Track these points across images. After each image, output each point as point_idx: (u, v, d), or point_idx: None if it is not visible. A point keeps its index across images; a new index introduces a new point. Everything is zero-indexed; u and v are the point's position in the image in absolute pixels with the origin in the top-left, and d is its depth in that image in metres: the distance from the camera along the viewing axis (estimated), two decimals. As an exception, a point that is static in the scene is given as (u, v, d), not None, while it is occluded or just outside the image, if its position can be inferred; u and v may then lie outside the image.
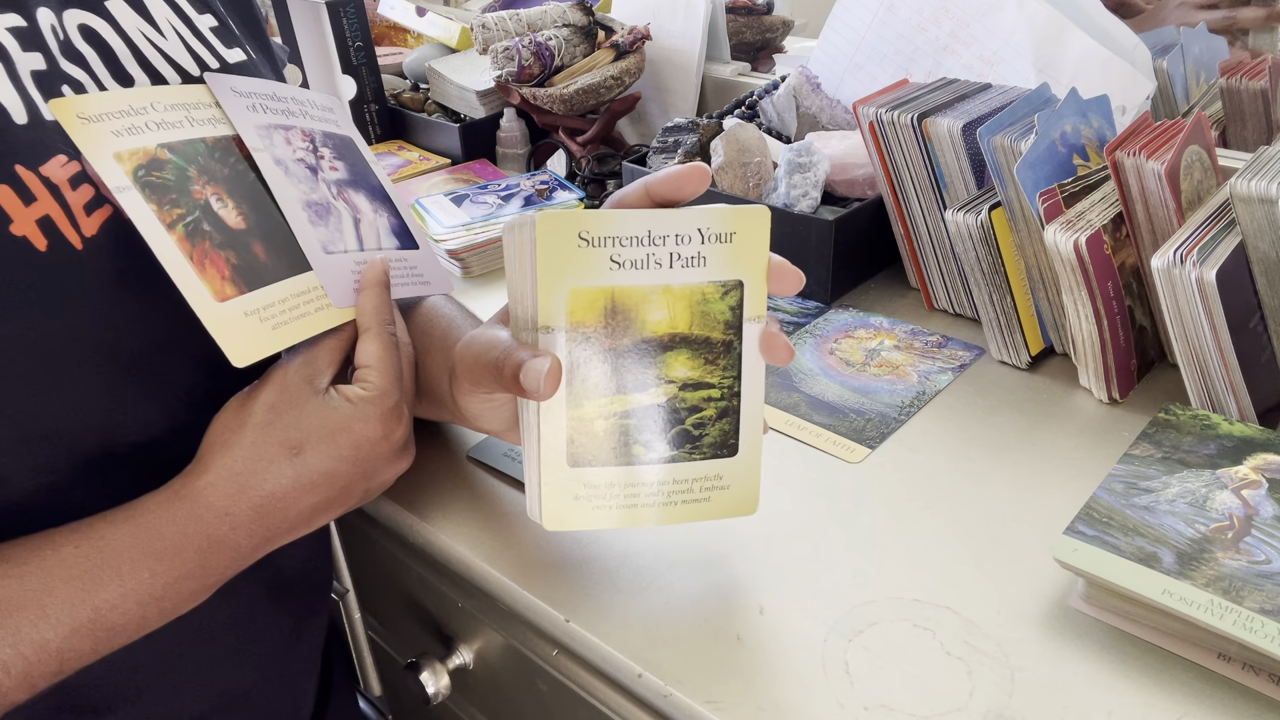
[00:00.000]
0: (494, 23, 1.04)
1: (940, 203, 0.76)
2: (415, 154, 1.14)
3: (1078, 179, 0.67)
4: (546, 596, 0.53)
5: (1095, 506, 0.51)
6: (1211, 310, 0.57)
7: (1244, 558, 0.47)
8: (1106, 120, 0.73)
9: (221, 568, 0.44)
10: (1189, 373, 0.62)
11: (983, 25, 0.85)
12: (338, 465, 0.46)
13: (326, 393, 0.46)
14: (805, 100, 0.94)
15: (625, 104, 1.04)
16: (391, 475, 0.50)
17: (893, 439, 0.64)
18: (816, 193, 0.82)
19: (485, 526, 0.58)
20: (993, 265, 0.69)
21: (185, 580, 0.43)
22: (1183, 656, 0.47)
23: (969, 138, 0.72)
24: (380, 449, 0.47)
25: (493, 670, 0.62)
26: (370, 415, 0.46)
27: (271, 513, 0.44)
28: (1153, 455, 0.55)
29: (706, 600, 0.52)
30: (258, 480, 0.44)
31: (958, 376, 0.71)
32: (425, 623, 0.67)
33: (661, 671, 0.48)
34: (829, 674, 0.47)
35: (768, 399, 0.69)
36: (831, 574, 0.53)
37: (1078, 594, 0.50)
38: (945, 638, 0.49)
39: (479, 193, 0.98)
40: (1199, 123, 0.66)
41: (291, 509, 0.45)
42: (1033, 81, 0.81)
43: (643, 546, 0.56)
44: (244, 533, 0.44)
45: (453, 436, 0.67)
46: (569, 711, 0.55)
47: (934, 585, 0.52)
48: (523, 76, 1.01)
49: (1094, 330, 0.65)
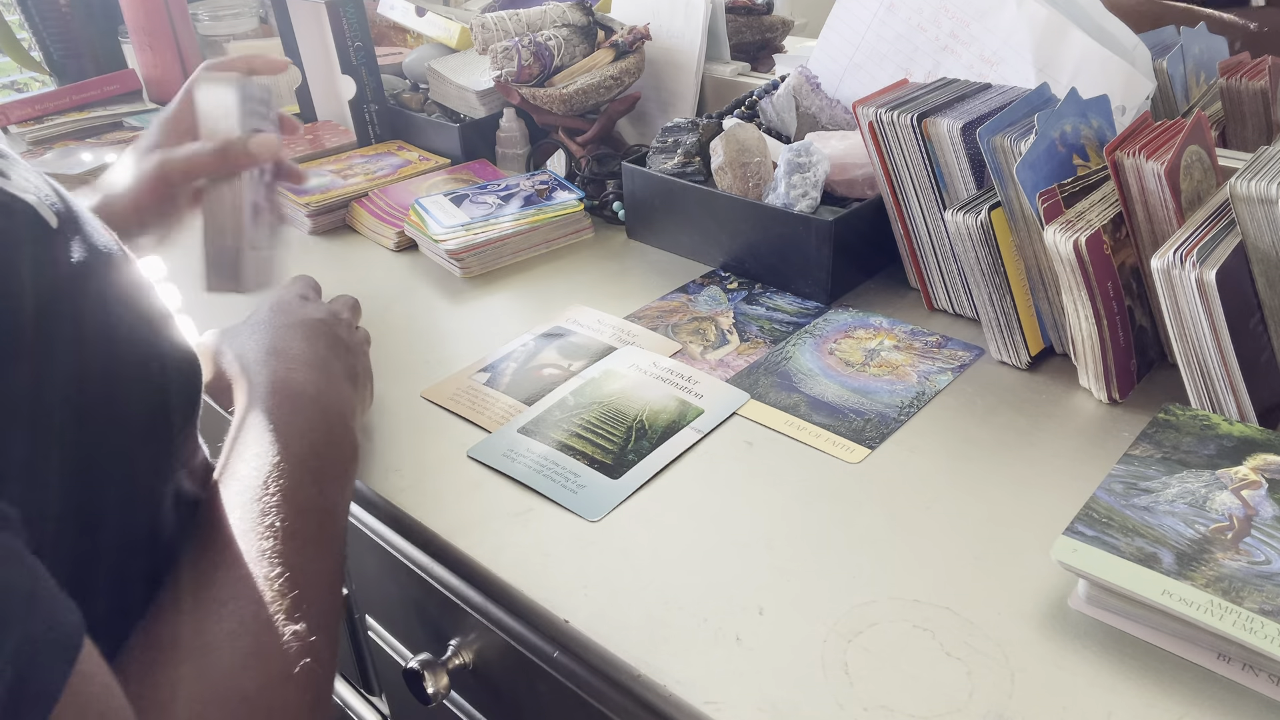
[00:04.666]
0: (493, 23, 1.04)
1: (940, 203, 0.76)
2: (415, 154, 1.14)
3: (1078, 179, 0.67)
4: (546, 597, 0.53)
5: (1095, 507, 0.51)
6: (1211, 310, 0.57)
7: (1244, 558, 0.47)
8: (1106, 120, 0.73)
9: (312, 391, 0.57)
10: (1189, 373, 0.62)
11: (983, 25, 0.85)
12: (271, 309, 0.64)
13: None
14: (805, 100, 0.94)
15: (625, 104, 1.04)
16: (311, 311, 0.64)
17: (892, 439, 0.64)
18: (816, 193, 0.82)
19: (485, 526, 0.58)
20: (992, 265, 0.69)
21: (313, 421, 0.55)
22: (1183, 657, 0.47)
23: (969, 138, 0.72)
24: (286, 296, 0.66)
25: (493, 670, 0.62)
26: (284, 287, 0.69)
27: (281, 355, 0.58)
28: (1152, 455, 0.55)
29: (706, 600, 0.52)
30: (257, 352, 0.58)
31: (957, 377, 0.71)
32: (425, 623, 0.67)
33: (661, 672, 0.48)
34: (828, 674, 0.47)
35: (767, 399, 0.69)
36: (831, 574, 0.53)
37: (1077, 594, 0.50)
38: (945, 638, 0.49)
39: (478, 193, 0.98)
40: (1199, 123, 0.66)
41: (289, 349, 0.59)
42: (1033, 81, 0.81)
43: (643, 546, 0.56)
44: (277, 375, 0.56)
45: (453, 437, 0.67)
46: (569, 712, 0.55)
47: (934, 585, 0.52)
48: (522, 76, 1.01)
49: (1094, 330, 0.65)
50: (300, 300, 0.66)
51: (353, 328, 0.68)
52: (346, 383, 0.60)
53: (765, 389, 0.70)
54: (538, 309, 0.83)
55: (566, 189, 0.98)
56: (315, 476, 0.50)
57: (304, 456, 0.50)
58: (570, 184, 0.99)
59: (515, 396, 0.71)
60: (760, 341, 0.77)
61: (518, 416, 0.68)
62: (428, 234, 0.91)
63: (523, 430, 0.67)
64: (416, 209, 0.95)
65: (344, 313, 0.69)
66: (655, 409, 0.68)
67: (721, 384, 0.71)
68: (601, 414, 0.68)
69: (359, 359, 0.66)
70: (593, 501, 0.60)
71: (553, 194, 0.97)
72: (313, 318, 0.63)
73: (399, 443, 0.67)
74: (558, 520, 0.59)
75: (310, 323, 0.62)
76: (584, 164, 1.03)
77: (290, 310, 0.63)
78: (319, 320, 0.63)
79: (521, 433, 0.66)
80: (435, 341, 0.80)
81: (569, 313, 0.82)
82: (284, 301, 0.65)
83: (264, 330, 0.60)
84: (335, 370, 0.60)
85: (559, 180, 1.00)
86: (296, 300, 0.65)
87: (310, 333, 0.61)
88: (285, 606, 0.42)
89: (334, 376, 0.59)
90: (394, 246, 0.96)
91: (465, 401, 0.71)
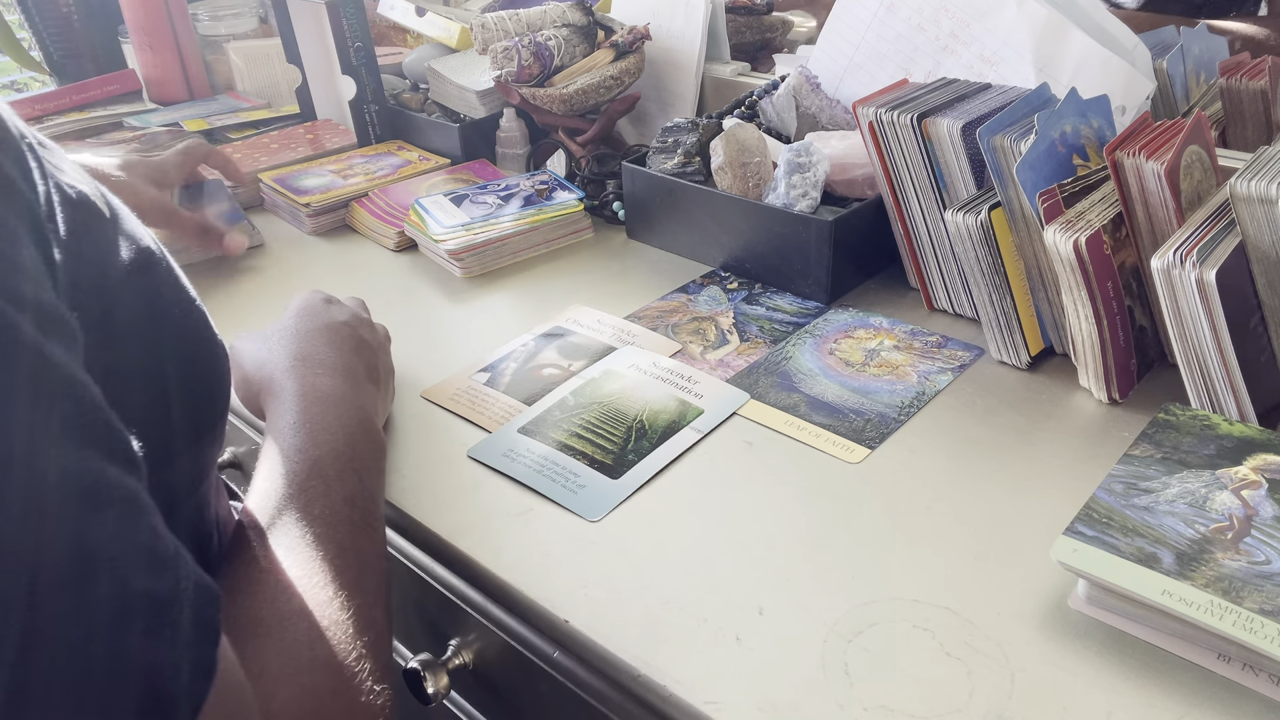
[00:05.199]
0: (493, 23, 1.04)
1: (940, 203, 0.76)
2: (415, 154, 1.14)
3: (1078, 179, 0.67)
4: (546, 597, 0.53)
5: (1095, 507, 0.51)
6: (1211, 310, 0.57)
7: (1244, 558, 0.47)
8: (1106, 120, 0.73)
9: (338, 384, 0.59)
10: (1189, 373, 0.62)
11: (983, 25, 0.85)
12: (296, 314, 0.65)
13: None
14: (805, 100, 0.94)
15: (625, 104, 1.04)
16: (335, 314, 0.66)
17: (892, 439, 0.64)
18: (816, 193, 0.82)
19: (485, 526, 0.58)
20: (992, 265, 0.69)
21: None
22: (1183, 657, 0.47)
23: (969, 138, 0.72)
24: (311, 300, 0.67)
25: (493, 670, 0.62)
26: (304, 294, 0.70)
27: (307, 358, 0.60)
28: (1152, 455, 0.55)
29: (706, 600, 0.52)
30: (281, 353, 0.60)
31: (957, 377, 0.71)
32: (425, 623, 0.67)
33: (661, 672, 0.48)
34: (828, 674, 0.47)
35: (767, 399, 0.69)
36: (831, 574, 0.53)
37: (1077, 594, 0.50)
38: (945, 638, 0.49)
39: (478, 193, 0.98)
40: (1199, 123, 0.66)
41: (314, 355, 0.60)
42: (1033, 81, 0.81)
43: (643, 546, 0.56)
44: (313, 372, 0.58)
45: (453, 437, 0.67)
46: (569, 712, 0.55)
47: (933, 585, 0.52)
48: (522, 76, 1.01)
49: (1094, 330, 0.65)
50: (324, 304, 0.67)
51: (374, 327, 0.70)
52: (370, 384, 0.62)
53: (765, 389, 0.70)
54: (538, 309, 0.83)
55: (566, 189, 0.98)
56: (355, 467, 0.52)
57: (340, 450, 0.52)
58: (570, 184, 0.99)
59: (515, 396, 0.71)
60: (760, 341, 0.77)
61: (518, 416, 0.68)
62: (428, 234, 0.91)
63: (523, 430, 0.67)
64: (416, 209, 0.95)
65: (362, 311, 0.70)
66: (655, 409, 0.68)
67: (721, 384, 0.71)
68: (601, 414, 0.68)
69: (381, 357, 0.67)
70: (593, 501, 0.60)
71: (553, 194, 0.97)
72: (337, 321, 0.65)
73: (399, 443, 0.67)
74: (558, 520, 0.59)
75: (334, 326, 0.64)
76: (584, 164, 1.03)
77: (315, 315, 0.65)
78: (343, 324, 0.65)
79: (521, 433, 0.66)
80: (435, 341, 0.80)
81: (569, 313, 0.82)
82: (309, 305, 0.66)
83: (289, 337, 0.62)
84: (359, 373, 0.61)
85: (559, 180, 1.00)
86: (320, 304, 0.67)
87: (335, 337, 0.63)
88: (345, 584, 0.44)
89: (359, 379, 0.61)
90: (394, 246, 0.96)
91: (465, 401, 0.71)
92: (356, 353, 0.63)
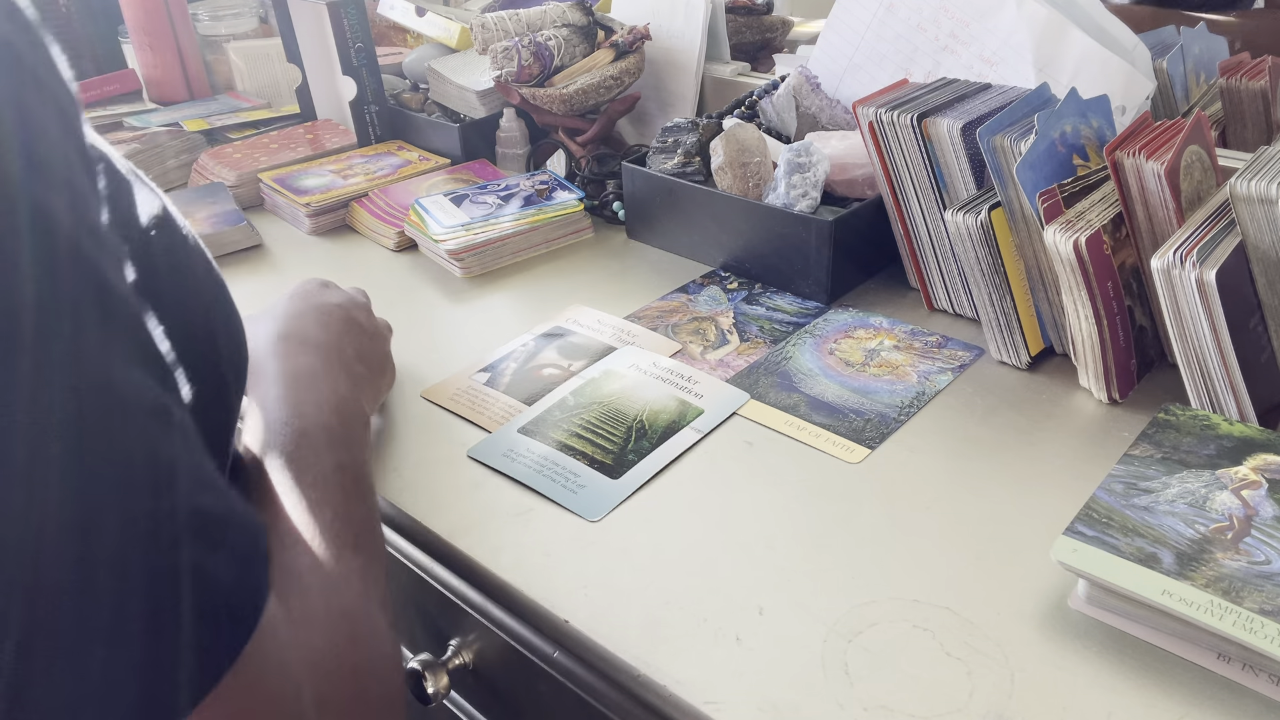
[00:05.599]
0: (493, 23, 1.04)
1: (940, 203, 0.76)
2: (415, 154, 1.14)
3: (1078, 179, 0.67)
4: (546, 597, 0.53)
5: (1095, 507, 0.51)
6: (1211, 310, 0.57)
7: (1244, 558, 0.47)
8: (1106, 120, 0.73)
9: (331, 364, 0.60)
10: (1189, 373, 0.62)
11: (982, 25, 0.85)
12: (289, 297, 0.65)
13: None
14: (805, 100, 0.94)
15: (625, 104, 1.04)
16: (329, 297, 0.66)
17: (892, 439, 0.64)
18: (816, 193, 0.82)
19: (485, 526, 0.58)
20: (992, 265, 0.69)
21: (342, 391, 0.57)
22: (1183, 657, 0.47)
23: (969, 138, 0.72)
24: (307, 284, 0.67)
25: (493, 670, 0.62)
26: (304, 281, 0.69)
27: (296, 336, 0.60)
28: (1152, 455, 0.55)
29: (706, 600, 0.52)
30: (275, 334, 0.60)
31: (957, 377, 0.71)
32: (425, 623, 0.67)
33: (661, 671, 0.48)
34: (829, 674, 0.47)
35: (767, 399, 0.69)
36: (831, 574, 0.53)
37: (1077, 594, 0.50)
38: (945, 638, 0.49)
39: (478, 193, 0.98)
40: (1199, 123, 0.66)
41: (299, 332, 0.60)
42: (1033, 81, 0.81)
43: (643, 546, 0.56)
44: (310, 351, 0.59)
45: (453, 437, 0.67)
46: (569, 712, 0.55)
47: (933, 585, 0.52)
48: (522, 76, 1.01)
49: (1094, 330, 0.65)
50: (320, 287, 0.68)
51: (371, 313, 0.70)
52: (359, 364, 0.62)
53: (765, 389, 0.70)
54: (538, 309, 0.83)
55: (566, 189, 0.98)
56: (340, 437, 0.53)
57: (325, 423, 0.53)
58: (570, 184, 0.99)
59: (515, 396, 0.71)
60: (760, 341, 0.77)
61: (518, 416, 0.68)
62: (428, 234, 0.91)
63: (523, 430, 0.67)
64: (416, 209, 0.95)
65: (361, 298, 0.71)
66: (655, 409, 0.68)
67: (721, 384, 0.71)
68: (601, 414, 0.68)
69: (377, 343, 0.68)
70: (593, 501, 0.60)
71: (553, 194, 0.97)
72: (329, 302, 0.65)
73: (399, 443, 0.67)
74: (558, 520, 0.59)
75: (325, 307, 0.64)
76: (584, 164, 1.04)
77: (308, 297, 0.66)
78: (335, 305, 0.65)
79: (521, 433, 0.66)
80: (435, 341, 0.80)
81: (569, 313, 0.82)
82: (303, 289, 0.67)
83: (277, 318, 0.62)
84: (347, 352, 0.62)
85: (559, 180, 1.00)
86: (315, 287, 0.67)
87: (324, 318, 0.63)
88: (347, 544, 0.46)
89: (346, 358, 0.61)
90: (394, 246, 0.96)
91: (465, 401, 0.71)
92: (346, 333, 0.63)
